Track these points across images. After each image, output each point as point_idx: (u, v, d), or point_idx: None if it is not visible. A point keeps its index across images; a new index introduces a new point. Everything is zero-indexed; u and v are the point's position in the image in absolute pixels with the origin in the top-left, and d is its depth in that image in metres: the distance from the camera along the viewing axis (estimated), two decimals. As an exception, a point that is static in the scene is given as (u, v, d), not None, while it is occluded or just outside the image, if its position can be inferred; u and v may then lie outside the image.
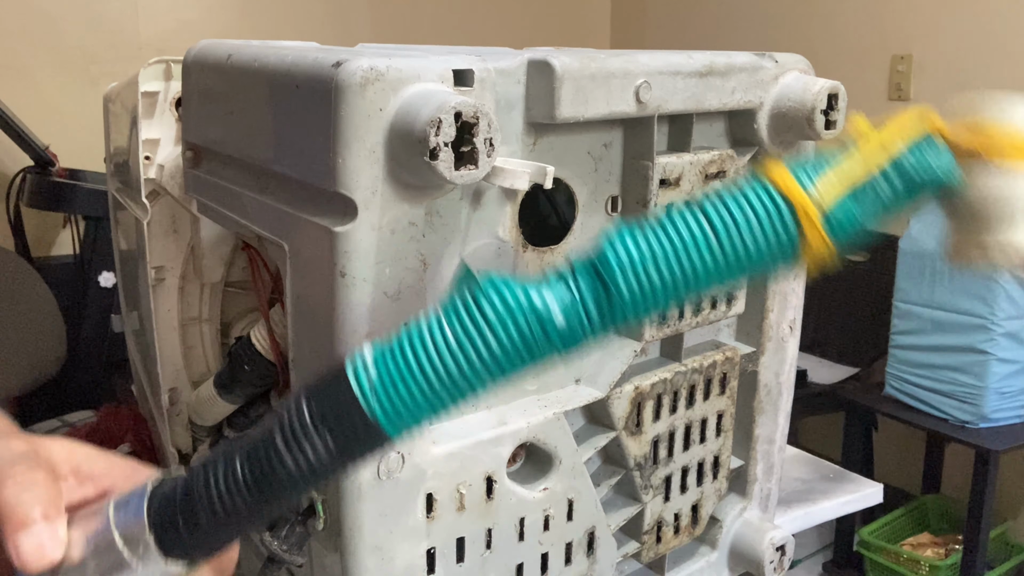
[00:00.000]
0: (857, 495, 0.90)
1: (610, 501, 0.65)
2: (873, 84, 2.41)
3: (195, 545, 0.30)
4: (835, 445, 2.28)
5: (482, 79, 0.49)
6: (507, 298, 0.30)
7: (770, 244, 0.30)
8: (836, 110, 0.61)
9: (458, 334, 0.30)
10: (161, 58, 0.85)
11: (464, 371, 0.30)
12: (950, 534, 2.14)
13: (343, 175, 0.45)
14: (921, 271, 1.97)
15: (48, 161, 1.95)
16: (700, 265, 0.30)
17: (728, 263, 0.30)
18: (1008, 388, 1.88)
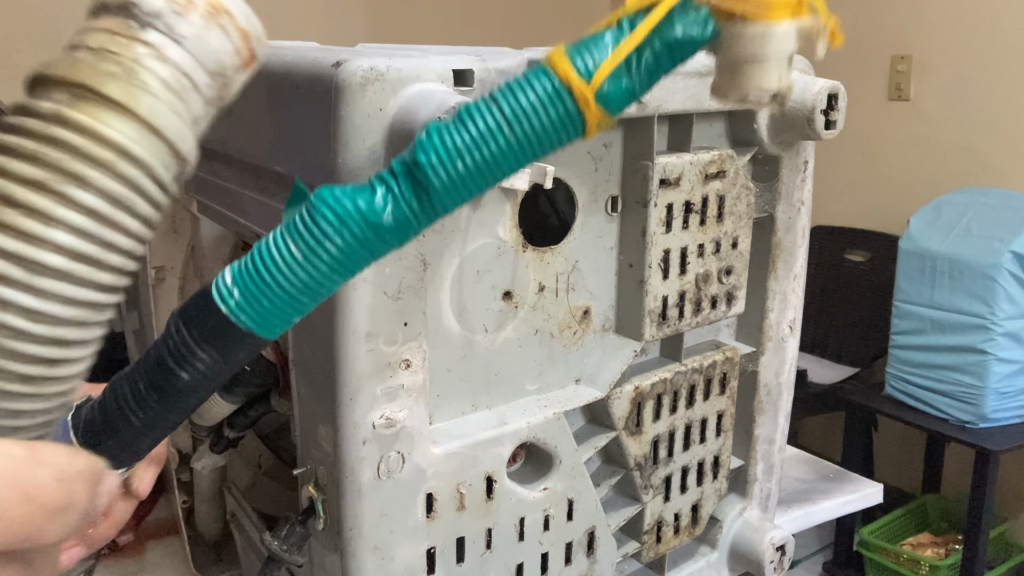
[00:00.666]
0: (857, 495, 0.90)
1: (610, 501, 0.65)
2: (873, 84, 2.41)
3: (121, 451, 0.33)
4: (835, 445, 2.28)
5: (482, 79, 0.49)
6: (338, 210, 0.34)
7: (555, 125, 0.36)
8: (836, 110, 0.61)
9: (302, 248, 0.34)
10: (161, 58, 0.85)
11: (314, 277, 0.34)
12: (950, 534, 2.14)
13: (343, 175, 0.45)
14: (921, 271, 1.97)
15: (48, 161, 1.96)
16: (498, 151, 0.35)
17: (522, 146, 0.36)
18: (1008, 388, 1.89)
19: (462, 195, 0.36)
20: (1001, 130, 2.16)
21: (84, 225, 0.19)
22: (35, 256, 0.18)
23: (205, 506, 0.81)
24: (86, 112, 0.19)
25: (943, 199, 2.05)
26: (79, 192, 0.19)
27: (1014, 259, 1.83)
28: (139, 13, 0.20)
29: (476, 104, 0.36)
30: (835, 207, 2.50)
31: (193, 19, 0.21)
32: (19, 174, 0.18)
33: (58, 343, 0.20)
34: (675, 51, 0.37)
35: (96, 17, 0.21)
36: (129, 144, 0.20)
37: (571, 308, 0.59)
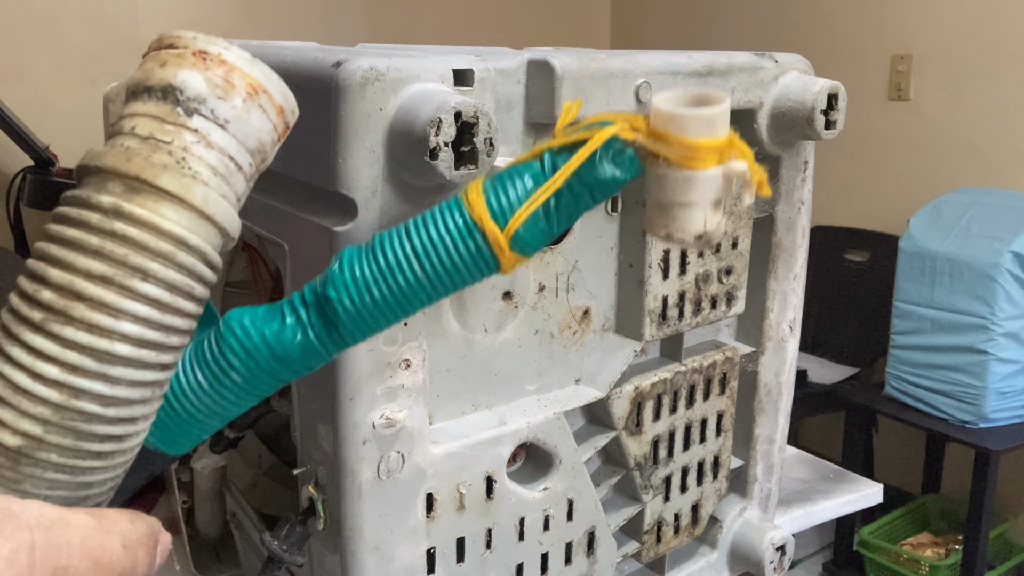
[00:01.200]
0: (857, 495, 0.90)
1: (610, 501, 0.65)
2: (873, 84, 2.41)
3: None
4: (835, 445, 2.28)
5: (482, 79, 0.49)
6: (245, 342, 0.34)
7: (467, 262, 0.35)
8: (836, 110, 0.61)
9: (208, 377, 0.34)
10: (161, 58, 0.85)
11: (220, 404, 0.35)
12: (950, 534, 2.14)
13: (343, 175, 0.45)
14: (921, 271, 1.97)
15: (48, 161, 1.95)
16: (407, 285, 0.35)
17: (431, 280, 0.36)
18: (1008, 388, 1.88)
19: (372, 327, 0.36)
20: (1001, 130, 2.16)
21: (148, 314, 0.21)
22: (106, 348, 0.20)
23: (205, 506, 0.81)
24: (143, 205, 0.20)
25: (943, 199, 2.05)
26: (142, 284, 0.20)
27: (1014, 259, 1.83)
28: (184, 99, 0.21)
29: (389, 234, 0.36)
30: (835, 207, 2.50)
31: (235, 102, 0.22)
32: (86, 269, 0.19)
33: (126, 421, 0.22)
34: (596, 191, 0.36)
35: (138, 99, 0.21)
36: (186, 234, 0.21)
37: (571, 308, 0.59)
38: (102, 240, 0.20)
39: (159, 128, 0.21)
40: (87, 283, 0.20)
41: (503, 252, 0.35)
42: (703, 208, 0.35)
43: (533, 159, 0.36)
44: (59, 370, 0.20)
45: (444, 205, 0.36)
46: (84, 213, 0.20)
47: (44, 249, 0.20)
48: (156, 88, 0.21)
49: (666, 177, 0.35)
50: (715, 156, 0.34)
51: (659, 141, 0.34)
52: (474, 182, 0.36)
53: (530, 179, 0.36)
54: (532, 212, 0.35)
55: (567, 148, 0.36)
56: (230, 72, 0.22)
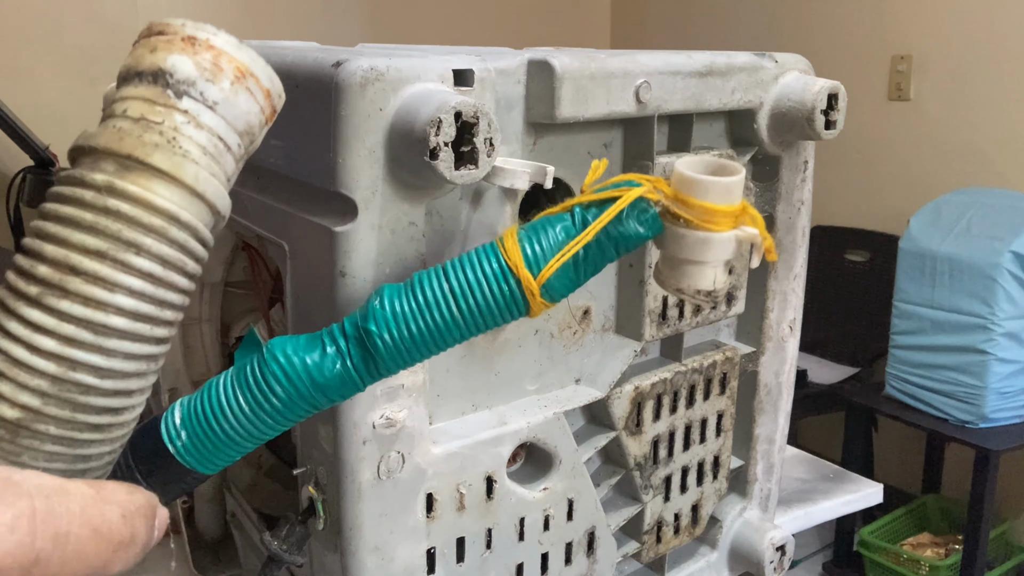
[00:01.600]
0: (857, 495, 0.90)
1: (610, 501, 0.65)
2: (873, 84, 2.41)
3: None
4: (835, 445, 2.28)
5: (482, 79, 0.49)
6: (288, 369, 0.36)
7: (499, 306, 0.39)
8: (836, 110, 0.61)
9: (249, 401, 0.36)
10: (161, 58, 0.85)
11: (257, 427, 0.37)
12: (950, 534, 2.14)
13: (343, 175, 0.45)
14: (921, 271, 1.97)
15: (48, 161, 1.95)
16: (442, 323, 0.38)
17: (467, 322, 0.38)
18: (1008, 388, 1.89)
19: (407, 361, 0.39)
20: (1001, 130, 2.16)
21: (142, 288, 0.21)
22: (102, 320, 0.21)
23: (205, 506, 0.81)
24: (136, 182, 0.21)
25: (943, 199, 2.05)
26: (136, 258, 0.21)
27: (1014, 259, 1.83)
28: (174, 82, 0.22)
29: (428, 274, 0.39)
30: (835, 207, 2.50)
31: (223, 85, 0.23)
32: (81, 244, 0.20)
33: (122, 394, 0.22)
34: (620, 246, 0.39)
35: (129, 83, 0.22)
36: (177, 210, 0.21)
37: (571, 308, 0.59)
38: (96, 216, 0.20)
39: (150, 109, 0.21)
40: (82, 257, 0.20)
41: (534, 298, 0.38)
42: (715, 267, 0.39)
43: (564, 212, 0.40)
44: (56, 343, 0.20)
45: (481, 251, 0.39)
46: (78, 191, 0.20)
47: (39, 226, 0.21)
48: (147, 72, 0.22)
49: (684, 237, 0.38)
50: (730, 220, 0.37)
51: (680, 203, 0.38)
52: (509, 230, 0.40)
53: (562, 231, 0.39)
54: (563, 263, 0.38)
55: (596, 204, 0.39)
56: (218, 56, 0.23)
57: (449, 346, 0.39)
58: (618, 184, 0.40)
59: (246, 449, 0.38)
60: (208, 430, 0.36)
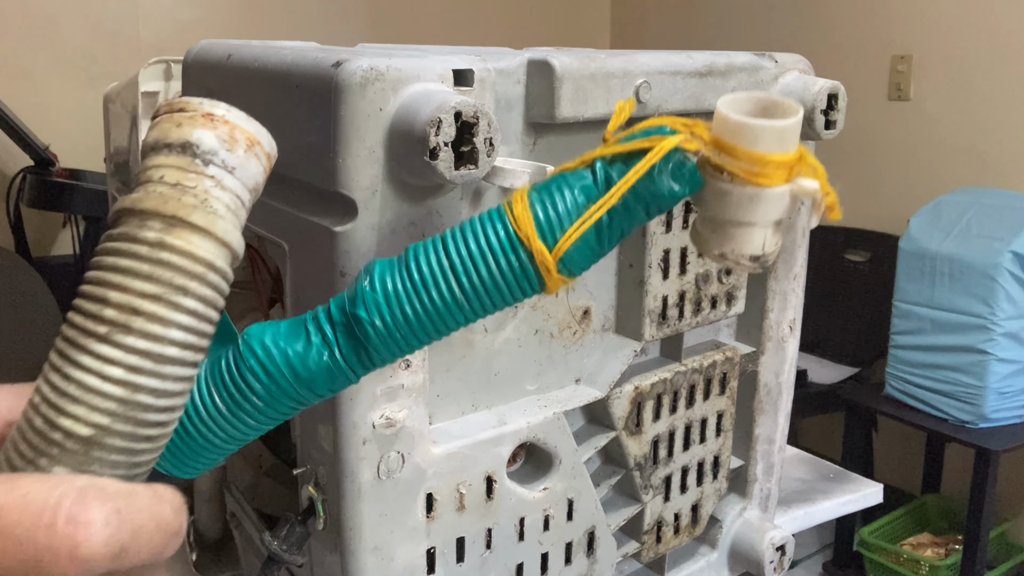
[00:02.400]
0: (857, 495, 0.90)
1: (610, 501, 0.65)
2: (873, 84, 2.41)
3: None
4: (835, 445, 2.28)
5: (482, 79, 0.49)
6: (268, 365, 0.32)
7: (509, 283, 0.33)
8: (836, 110, 0.61)
9: (227, 402, 0.33)
10: (161, 58, 0.85)
11: (239, 429, 0.33)
12: (950, 534, 2.14)
13: (343, 175, 0.45)
14: (921, 271, 1.97)
15: (48, 161, 1.95)
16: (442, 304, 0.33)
17: (471, 302, 0.33)
18: (1008, 388, 1.89)
19: (403, 348, 0.34)
20: (1001, 130, 2.16)
21: (189, 323, 0.26)
22: (159, 351, 0.26)
23: (205, 506, 0.81)
24: (181, 237, 0.26)
25: (943, 199, 2.05)
26: (184, 299, 0.26)
27: (1014, 259, 1.83)
28: (200, 152, 0.27)
29: (424, 247, 0.34)
30: (835, 207, 2.50)
31: (239, 153, 0.28)
32: (140, 291, 0.25)
33: (170, 411, 0.27)
34: (652, 207, 0.33)
35: (159, 153, 0.27)
36: (213, 259, 0.27)
37: (571, 308, 0.59)
38: (152, 267, 0.25)
39: (184, 176, 0.27)
40: (143, 301, 0.25)
41: (550, 274, 0.33)
42: (764, 228, 0.32)
43: (582, 168, 0.33)
44: (122, 371, 0.25)
45: (485, 218, 0.33)
46: (133, 247, 0.26)
47: (101, 276, 0.26)
48: (175, 144, 0.27)
49: (729, 194, 0.32)
50: (784, 173, 0.31)
51: (725, 153, 0.31)
52: (518, 192, 0.33)
53: (581, 192, 0.33)
54: (584, 231, 0.32)
55: (622, 158, 0.33)
56: (233, 129, 0.28)
57: (452, 330, 0.34)
58: (648, 131, 0.33)
59: (227, 451, 0.34)
60: (183, 434, 0.32)
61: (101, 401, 0.25)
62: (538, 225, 0.32)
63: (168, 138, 0.27)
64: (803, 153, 0.31)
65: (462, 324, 0.34)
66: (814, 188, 0.32)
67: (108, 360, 0.25)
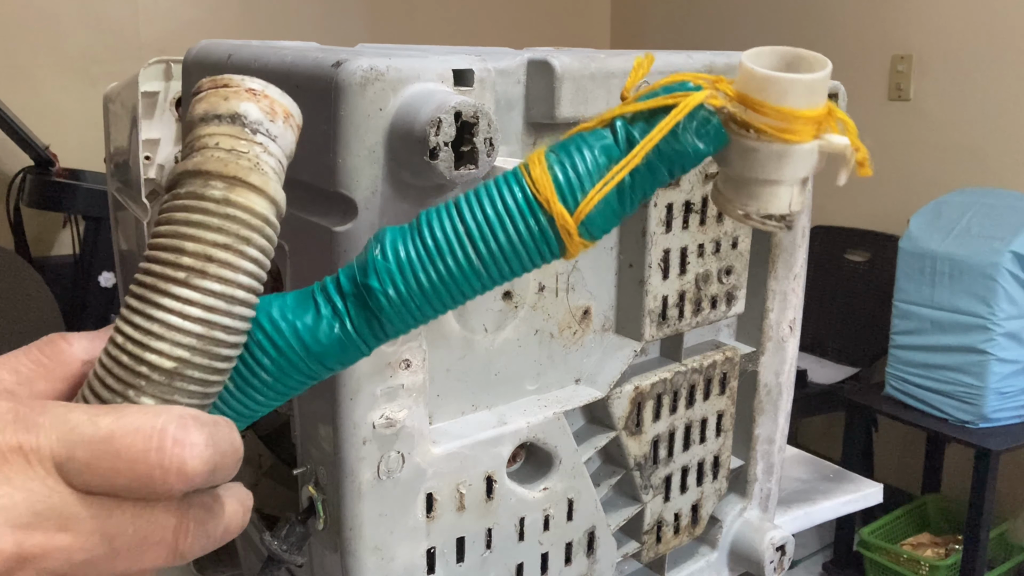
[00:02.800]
0: (857, 495, 0.90)
1: (610, 501, 0.65)
2: (873, 84, 2.41)
3: None
4: (835, 445, 2.28)
5: (482, 79, 0.49)
6: (276, 339, 0.32)
7: (528, 248, 0.32)
8: (836, 110, 0.61)
9: (235, 379, 0.32)
10: (161, 58, 0.85)
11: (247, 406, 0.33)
12: (950, 534, 2.14)
13: (343, 175, 0.45)
14: (921, 271, 1.97)
15: (48, 161, 1.95)
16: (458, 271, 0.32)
17: (488, 268, 0.32)
18: (1008, 388, 1.89)
19: (417, 318, 0.33)
20: (1001, 130, 2.16)
21: (252, 269, 0.30)
22: (231, 293, 0.29)
23: (205, 506, 0.81)
24: (242, 195, 0.30)
25: (943, 199, 2.05)
26: (248, 248, 0.30)
27: (1014, 259, 1.83)
28: (249, 122, 0.30)
29: (437, 212, 0.33)
30: (835, 207, 2.50)
31: (279, 123, 0.31)
32: (213, 240, 0.29)
33: (236, 347, 0.30)
34: (676, 167, 0.32)
35: (210, 123, 0.30)
36: (268, 214, 0.30)
37: (571, 308, 0.59)
38: (221, 220, 0.29)
39: (237, 143, 0.30)
40: (215, 250, 0.29)
41: (571, 238, 0.32)
42: (791, 186, 0.32)
43: (602, 126, 0.32)
44: (201, 311, 0.29)
45: (501, 180, 0.32)
46: (203, 203, 0.29)
47: (175, 230, 0.29)
48: (226, 115, 0.31)
49: (755, 151, 0.31)
50: (813, 128, 0.30)
51: (751, 108, 0.30)
52: (536, 153, 0.32)
53: (601, 152, 0.32)
54: (606, 193, 0.31)
55: (644, 116, 0.31)
56: (272, 103, 0.31)
57: (468, 298, 0.33)
58: (670, 88, 0.32)
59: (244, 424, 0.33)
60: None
61: (183, 337, 0.28)
62: (558, 187, 0.31)
63: (218, 110, 0.31)
64: (831, 108, 0.31)
65: (479, 292, 0.33)
66: (844, 144, 0.31)
67: (188, 301, 0.28)
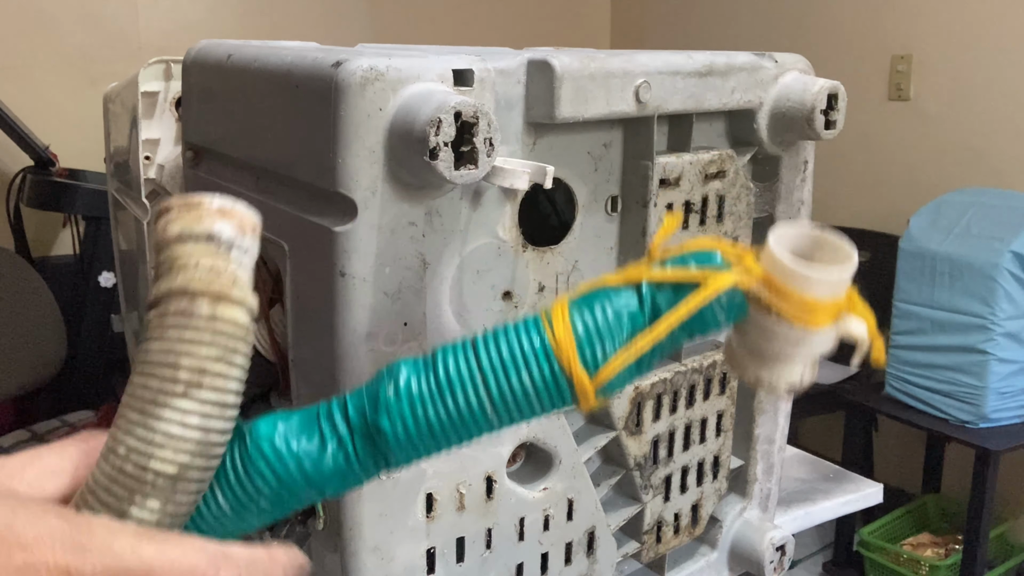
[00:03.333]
0: (857, 495, 0.90)
1: (610, 501, 0.65)
2: (873, 84, 2.41)
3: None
4: (835, 445, 2.28)
5: (482, 79, 0.49)
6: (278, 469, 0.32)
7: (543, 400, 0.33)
8: (836, 110, 0.61)
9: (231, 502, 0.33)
10: (161, 58, 0.85)
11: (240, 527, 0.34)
12: (950, 534, 2.14)
13: (343, 175, 0.45)
14: (921, 271, 1.97)
15: (48, 161, 1.95)
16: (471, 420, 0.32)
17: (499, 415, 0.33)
18: (1008, 388, 1.88)
19: (423, 455, 0.33)
20: (1001, 130, 2.16)
21: (241, 376, 0.32)
22: (224, 400, 0.32)
23: (205, 506, 0.81)
24: (228, 309, 0.32)
25: (943, 199, 2.05)
26: (237, 357, 0.32)
27: (1014, 259, 1.83)
28: (223, 240, 0.33)
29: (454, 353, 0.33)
30: (835, 207, 2.50)
31: (247, 237, 0.34)
32: (206, 355, 0.31)
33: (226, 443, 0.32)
34: (696, 334, 0.33)
35: (187, 243, 0.33)
36: (247, 322, 0.33)
37: (571, 308, 0.59)
38: (212, 335, 0.31)
39: (216, 261, 0.33)
40: (209, 363, 0.31)
41: (588, 399, 0.32)
42: (804, 363, 0.33)
43: (627, 285, 0.33)
44: (199, 419, 0.31)
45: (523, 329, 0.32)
46: (192, 320, 0.32)
47: (169, 347, 0.31)
48: (202, 235, 0.33)
49: (775, 332, 0.32)
50: (833, 316, 0.31)
51: (775, 293, 0.31)
52: (559, 304, 0.32)
53: (628, 320, 0.32)
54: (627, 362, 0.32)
55: (671, 286, 0.32)
56: (241, 219, 0.34)
57: (477, 438, 0.34)
58: (698, 256, 0.32)
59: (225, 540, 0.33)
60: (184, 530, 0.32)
61: (184, 444, 0.31)
62: (580, 350, 0.32)
63: (194, 230, 0.33)
64: (852, 295, 0.32)
65: (487, 432, 0.33)
66: (862, 333, 0.32)
67: (187, 411, 0.31)
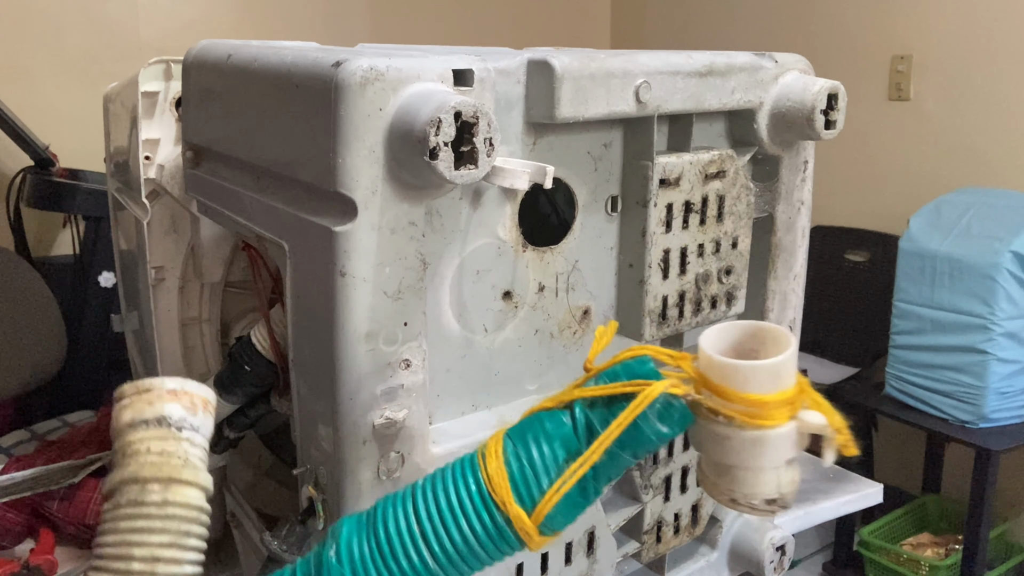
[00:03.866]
0: (857, 495, 0.90)
1: (610, 501, 0.65)
2: (873, 84, 2.41)
3: None
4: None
5: (482, 79, 0.49)
6: None
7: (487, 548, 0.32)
8: (836, 110, 0.61)
9: None
10: (161, 58, 0.85)
11: None
12: (950, 534, 2.14)
13: (343, 175, 0.45)
14: (921, 271, 1.97)
15: (48, 161, 1.95)
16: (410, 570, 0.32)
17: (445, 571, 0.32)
18: (1008, 388, 1.88)
19: None
20: (1001, 130, 2.16)
21: (195, 557, 0.34)
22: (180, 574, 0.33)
23: (205, 506, 0.81)
24: (179, 493, 0.33)
25: (943, 199, 2.05)
26: (190, 540, 0.33)
27: (1014, 259, 1.83)
28: (173, 422, 0.34)
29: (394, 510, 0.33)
30: (835, 207, 2.50)
31: (199, 414, 0.35)
32: (158, 542, 0.32)
33: None
34: (640, 450, 0.31)
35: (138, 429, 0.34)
36: (200, 502, 0.34)
37: (571, 308, 0.59)
38: (163, 522, 0.32)
39: (166, 444, 0.34)
40: (161, 550, 0.32)
41: (531, 538, 0.31)
42: (775, 469, 0.30)
43: (560, 409, 0.31)
44: None
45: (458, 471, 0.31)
46: (143, 509, 0.32)
47: (122, 539, 0.32)
48: (152, 419, 0.34)
49: (728, 438, 0.29)
50: (787, 410, 0.29)
51: (716, 394, 0.29)
52: (492, 441, 0.32)
53: (560, 446, 0.30)
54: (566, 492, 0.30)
55: (603, 402, 0.30)
56: (192, 398, 0.35)
57: None
58: (630, 366, 0.30)
59: None
60: None
61: None
62: (514, 487, 0.30)
63: (144, 415, 0.34)
64: (803, 384, 0.30)
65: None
66: (821, 423, 0.30)
67: None
